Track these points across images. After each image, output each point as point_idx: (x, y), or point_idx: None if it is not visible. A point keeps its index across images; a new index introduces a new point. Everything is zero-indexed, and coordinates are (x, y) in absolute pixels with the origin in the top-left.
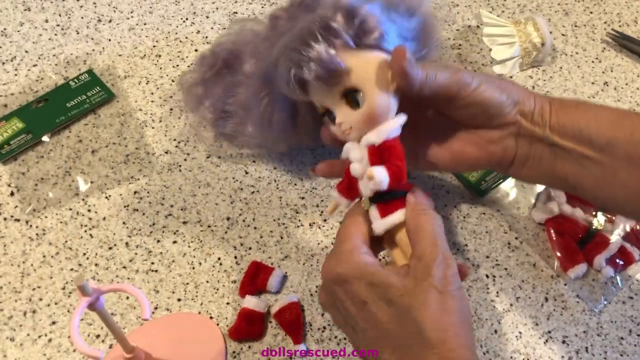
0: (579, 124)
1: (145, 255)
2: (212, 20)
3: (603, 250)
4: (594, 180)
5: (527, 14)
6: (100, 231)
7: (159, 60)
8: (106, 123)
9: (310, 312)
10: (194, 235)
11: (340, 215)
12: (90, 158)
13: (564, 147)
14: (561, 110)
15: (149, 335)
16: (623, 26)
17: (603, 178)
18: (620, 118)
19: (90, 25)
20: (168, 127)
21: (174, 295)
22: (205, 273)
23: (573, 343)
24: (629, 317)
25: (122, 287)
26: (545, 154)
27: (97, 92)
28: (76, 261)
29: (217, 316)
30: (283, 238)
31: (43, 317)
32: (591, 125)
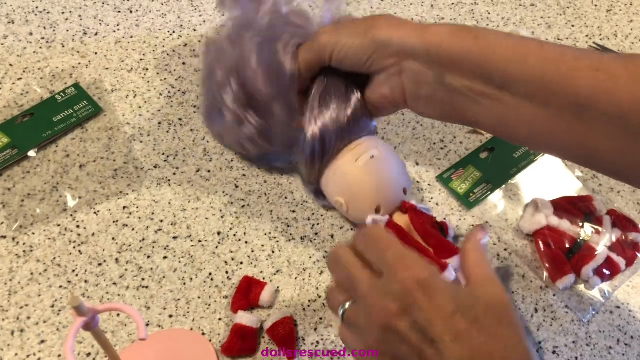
0: (478, 60)
1: (136, 271)
2: (199, 33)
3: (590, 261)
4: (494, 117)
5: (511, 27)
6: (90, 247)
7: (147, 73)
8: (94, 137)
9: (303, 327)
10: (184, 250)
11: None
12: (78, 173)
13: (460, 88)
14: (457, 44)
15: (141, 353)
16: (604, 39)
17: (504, 115)
18: (519, 48)
19: (75, 39)
20: (157, 141)
21: (165, 311)
22: (197, 289)
23: (563, 353)
24: (616, 326)
25: (118, 306)
26: (438, 93)
27: (84, 106)
28: (65, 278)
29: (209, 332)
30: (274, 252)
31: (31, 336)
32: (490, 60)
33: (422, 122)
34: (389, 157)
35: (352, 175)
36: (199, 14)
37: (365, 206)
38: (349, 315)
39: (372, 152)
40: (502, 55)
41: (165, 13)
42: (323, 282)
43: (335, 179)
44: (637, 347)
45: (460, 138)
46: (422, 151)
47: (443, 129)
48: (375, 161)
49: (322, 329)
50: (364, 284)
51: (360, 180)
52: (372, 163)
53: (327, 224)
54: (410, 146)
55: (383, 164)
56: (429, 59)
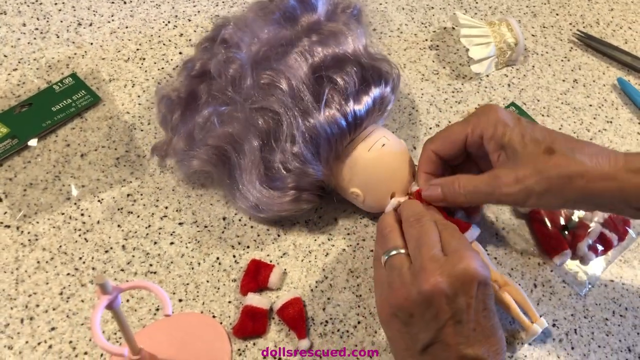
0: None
1: (143, 257)
2: (195, 23)
3: (584, 237)
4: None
5: (498, 15)
6: (95, 235)
7: (144, 63)
8: (94, 127)
9: (312, 307)
10: (190, 236)
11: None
12: (79, 162)
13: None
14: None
15: (152, 337)
16: (587, 27)
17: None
18: None
19: (70, 29)
20: (157, 129)
21: (175, 296)
22: (205, 273)
23: (562, 326)
24: (611, 299)
25: (142, 284)
26: (627, 211)
27: (82, 95)
28: (72, 266)
29: (219, 315)
30: (280, 236)
31: (41, 324)
32: None
33: (417, 107)
34: (396, 143)
35: (366, 165)
36: (193, 4)
37: (381, 194)
38: (395, 262)
39: (383, 141)
40: None
41: (159, 3)
42: (329, 264)
43: (349, 171)
44: (632, 317)
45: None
46: (419, 136)
47: (438, 114)
48: (386, 149)
49: (330, 308)
50: (429, 250)
51: (375, 169)
52: (383, 151)
53: (330, 208)
54: (407, 131)
55: (394, 151)
56: (625, 204)
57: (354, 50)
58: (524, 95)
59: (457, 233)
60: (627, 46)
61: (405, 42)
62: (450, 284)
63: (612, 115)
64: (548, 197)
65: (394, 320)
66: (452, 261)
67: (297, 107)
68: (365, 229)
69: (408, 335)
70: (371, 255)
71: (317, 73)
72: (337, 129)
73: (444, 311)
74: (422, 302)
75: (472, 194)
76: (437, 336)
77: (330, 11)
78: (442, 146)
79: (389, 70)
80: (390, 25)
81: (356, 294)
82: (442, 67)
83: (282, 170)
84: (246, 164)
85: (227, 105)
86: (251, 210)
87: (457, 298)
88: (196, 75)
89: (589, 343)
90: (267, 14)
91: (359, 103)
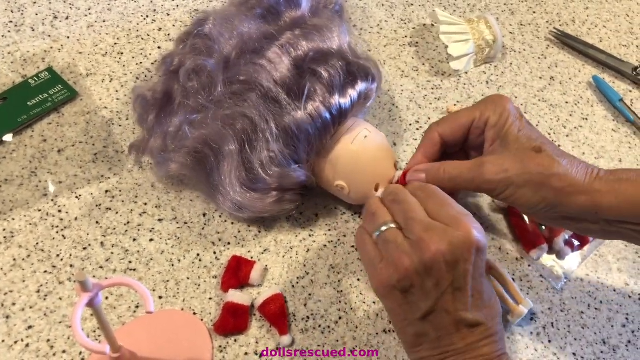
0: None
1: (122, 254)
2: (174, 17)
3: (561, 233)
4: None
5: (476, 13)
6: (73, 232)
7: (122, 57)
8: (71, 122)
9: (293, 303)
10: (170, 232)
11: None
12: (56, 158)
13: (617, 228)
14: (615, 188)
15: (132, 335)
16: (563, 25)
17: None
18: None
19: (46, 22)
20: (136, 124)
21: (155, 293)
22: (185, 270)
23: (540, 320)
24: (587, 292)
25: (123, 281)
26: (592, 227)
27: (59, 90)
28: (49, 263)
29: (200, 312)
30: (261, 232)
31: (18, 322)
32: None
33: (397, 104)
34: (377, 134)
35: (350, 157)
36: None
37: (366, 185)
38: (388, 235)
39: (364, 133)
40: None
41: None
42: (310, 260)
43: (333, 164)
44: (606, 310)
45: (434, 119)
46: (399, 132)
47: (418, 110)
48: (368, 140)
49: (311, 304)
50: (422, 221)
51: (359, 161)
52: (366, 142)
53: (311, 204)
54: (387, 127)
55: (375, 142)
56: (596, 217)
57: (339, 46)
58: (502, 92)
59: (445, 199)
60: (602, 44)
61: (385, 38)
62: (451, 251)
63: (588, 113)
64: (525, 191)
65: (393, 292)
66: (451, 228)
67: (271, 111)
68: (346, 224)
69: (408, 306)
70: (352, 251)
71: (299, 66)
72: (321, 122)
73: (445, 278)
74: (424, 270)
75: (455, 179)
76: (437, 303)
77: (314, 7)
78: (449, 128)
79: (375, 68)
80: (370, 21)
81: (337, 289)
82: (421, 63)
83: (262, 174)
84: (225, 167)
85: (199, 112)
86: (233, 211)
87: (457, 265)
88: (175, 71)
89: (566, 336)
90: (249, 9)
91: (344, 96)
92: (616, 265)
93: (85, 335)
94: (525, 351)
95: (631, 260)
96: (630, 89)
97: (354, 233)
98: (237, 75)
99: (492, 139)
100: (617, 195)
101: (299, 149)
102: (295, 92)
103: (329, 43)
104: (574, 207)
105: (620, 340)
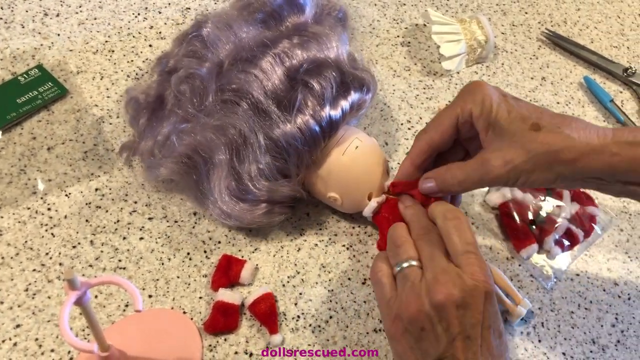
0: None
1: (112, 252)
2: (165, 15)
3: (552, 232)
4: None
5: (468, 13)
6: (63, 230)
7: (113, 55)
8: (61, 119)
9: (283, 302)
10: (160, 231)
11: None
12: (46, 155)
13: (635, 187)
14: (632, 152)
15: (122, 333)
16: (555, 26)
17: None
18: None
19: (36, 19)
20: (127, 122)
21: (145, 292)
22: (175, 268)
23: (530, 320)
24: (577, 292)
25: (112, 279)
26: (612, 187)
27: (49, 87)
28: (38, 261)
29: (190, 310)
30: (252, 231)
31: (6, 321)
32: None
33: (389, 103)
34: (369, 142)
35: (342, 169)
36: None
37: (359, 195)
38: (408, 273)
39: (356, 143)
40: None
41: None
42: (301, 259)
43: (325, 176)
44: (596, 310)
45: (426, 119)
46: (391, 131)
47: (409, 110)
48: (359, 151)
49: (302, 303)
50: (441, 262)
51: (351, 172)
52: (357, 153)
53: (303, 203)
54: (379, 127)
55: (367, 152)
56: (613, 178)
57: (336, 56)
58: None
59: (468, 240)
60: (593, 45)
61: (378, 38)
62: (461, 297)
63: (579, 113)
64: (537, 175)
65: (405, 335)
66: (465, 274)
67: (260, 123)
68: (338, 224)
69: (419, 351)
70: (343, 250)
71: (292, 77)
72: (310, 135)
73: (454, 324)
74: (434, 313)
75: (465, 183)
76: (447, 350)
77: (318, 14)
78: (435, 133)
79: (370, 79)
80: (362, 21)
81: (328, 288)
82: (413, 63)
83: (251, 187)
84: (215, 176)
85: (188, 122)
86: (221, 219)
87: (467, 311)
88: (170, 72)
89: (556, 335)
90: (250, 13)
91: (335, 108)
92: (606, 265)
93: (74, 334)
94: (515, 350)
95: (621, 261)
96: (621, 89)
97: (345, 232)
98: (229, 83)
99: (484, 128)
100: (634, 158)
101: (288, 162)
102: (285, 104)
103: (326, 52)
104: (590, 172)
105: (609, 340)
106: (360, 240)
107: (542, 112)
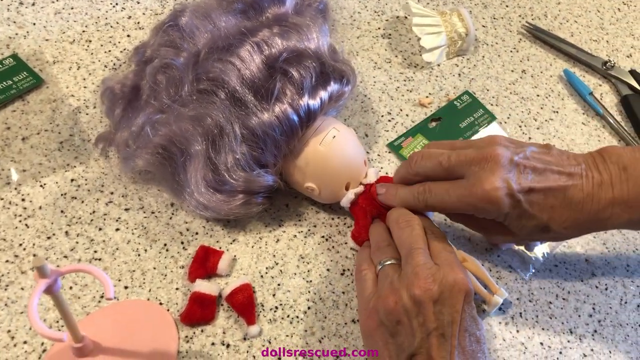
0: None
1: (87, 243)
2: (144, 5)
3: None
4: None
5: (449, 5)
6: (37, 221)
7: (90, 45)
8: (36, 109)
9: (261, 293)
10: (137, 222)
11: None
12: (20, 146)
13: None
14: (626, 179)
15: (97, 325)
16: (535, 19)
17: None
18: None
19: (11, 8)
20: (103, 113)
21: (121, 283)
22: (152, 260)
23: (509, 310)
24: (555, 283)
25: (82, 267)
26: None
27: (24, 77)
28: (12, 252)
29: (166, 302)
30: (230, 222)
31: None
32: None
33: (369, 95)
34: (346, 132)
35: (319, 159)
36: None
37: (336, 185)
38: (388, 270)
39: (333, 132)
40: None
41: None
42: (279, 250)
43: (302, 167)
44: (574, 300)
45: (406, 110)
46: (371, 123)
47: (390, 102)
48: (337, 141)
49: (280, 294)
50: (422, 258)
51: (328, 163)
52: (334, 143)
53: (282, 194)
54: (359, 118)
55: (344, 142)
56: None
57: (316, 47)
58: (473, 84)
59: (447, 244)
60: (573, 39)
61: (358, 30)
62: (440, 292)
63: (559, 106)
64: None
65: (380, 329)
66: (444, 271)
67: (237, 113)
68: (317, 215)
69: (393, 346)
70: (322, 241)
71: (272, 65)
72: (288, 124)
73: (431, 320)
74: (411, 306)
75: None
76: (422, 345)
77: (298, 5)
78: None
79: (350, 71)
80: (343, 12)
81: (306, 279)
82: (394, 55)
83: (228, 177)
84: (191, 167)
85: (162, 112)
86: (198, 211)
87: (443, 308)
88: (147, 62)
89: (534, 326)
90: (229, 3)
91: (313, 98)
92: (584, 256)
93: (48, 326)
94: (494, 340)
95: (599, 252)
96: (600, 82)
97: (324, 223)
98: (206, 72)
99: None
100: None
101: (265, 151)
102: (263, 93)
103: (307, 43)
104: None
105: (586, 330)
106: (339, 232)
107: (554, 213)
